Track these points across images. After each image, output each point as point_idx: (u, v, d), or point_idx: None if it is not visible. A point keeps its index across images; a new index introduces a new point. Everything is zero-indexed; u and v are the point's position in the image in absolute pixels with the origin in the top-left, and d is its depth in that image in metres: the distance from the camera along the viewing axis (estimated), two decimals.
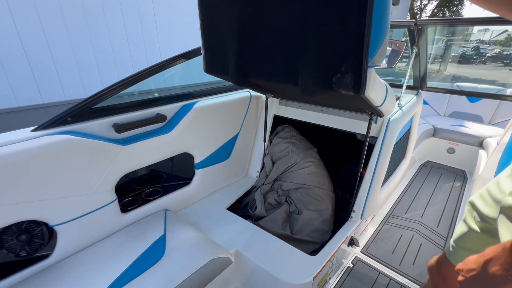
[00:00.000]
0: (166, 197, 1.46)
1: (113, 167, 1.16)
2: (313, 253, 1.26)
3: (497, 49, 14.75)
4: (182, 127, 1.37)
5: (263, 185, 1.80)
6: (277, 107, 1.81)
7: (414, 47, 1.71)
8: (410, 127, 1.91)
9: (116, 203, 1.23)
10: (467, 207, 0.68)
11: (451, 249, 0.77)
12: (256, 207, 1.67)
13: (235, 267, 1.24)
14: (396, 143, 1.57)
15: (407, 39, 1.71)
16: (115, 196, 1.22)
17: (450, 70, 9.69)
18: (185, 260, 1.07)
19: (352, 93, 0.87)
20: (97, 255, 1.11)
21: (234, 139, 1.73)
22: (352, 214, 1.51)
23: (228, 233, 1.34)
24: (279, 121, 1.89)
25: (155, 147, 1.30)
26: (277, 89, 1.36)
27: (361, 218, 1.49)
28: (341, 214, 1.66)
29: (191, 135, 1.44)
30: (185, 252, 1.12)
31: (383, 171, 1.51)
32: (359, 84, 0.83)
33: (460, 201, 2.16)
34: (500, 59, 13.20)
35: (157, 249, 1.14)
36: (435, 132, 2.82)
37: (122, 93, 1.15)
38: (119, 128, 1.15)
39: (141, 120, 1.24)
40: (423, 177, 2.50)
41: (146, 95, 1.34)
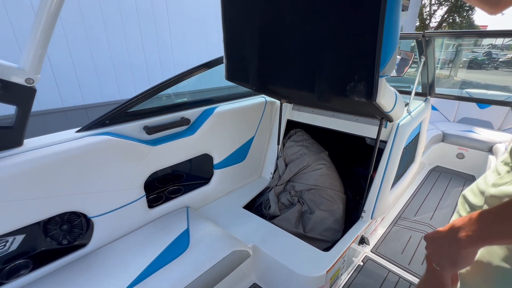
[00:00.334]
0: (187, 195, 1.56)
1: (144, 166, 1.28)
2: (325, 250, 1.34)
3: (510, 54, 14.51)
4: (204, 130, 1.48)
5: (277, 186, 1.89)
6: (291, 112, 1.91)
7: (422, 57, 1.79)
8: (419, 132, 1.97)
9: (144, 199, 1.34)
10: (460, 200, 0.76)
11: None
12: (270, 207, 1.76)
13: (252, 261, 1.33)
14: (405, 147, 1.64)
15: (415, 50, 1.80)
16: (143, 192, 1.33)
17: (461, 75, 9.59)
18: (208, 251, 1.17)
19: (364, 100, 0.96)
20: (129, 245, 1.22)
21: (249, 142, 1.84)
22: (362, 214, 1.58)
23: (245, 230, 1.44)
24: (291, 125, 1.98)
25: (179, 148, 1.41)
26: (293, 95, 1.46)
27: (371, 218, 1.56)
28: (352, 214, 1.73)
29: (211, 137, 1.55)
30: (208, 244, 1.21)
31: (392, 174, 1.58)
32: (371, 92, 0.92)
33: None
34: None
35: (182, 241, 1.24)
36: (444, 137, 2.86)
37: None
38: (149, 130, 1.27)
39: (168, 123, 1.36)
40: (432, 182, 2.54)
41: (173, 99, 1.46)
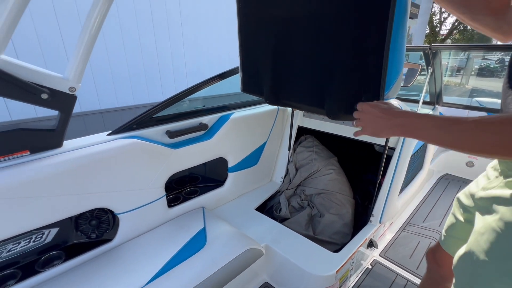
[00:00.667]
0: (203, 196, 1.65)
1: (165, 167, 1.37)
2: (335, 252, 1.39)
3: None
4: (220, 135, 1.57)
5: (287, 189, 1.96)
6: (301, 119, 1.99)
7: (429, 67, 1.86)
8: None
9: (164, 199, 1.44)
10: (455, 202, 0.83)
11: (442, 237, 0.91)
12: (281, 209, 1.83)
13: (264, 260, 1.40)
14: (413, 154, 1.69)
15: (423, 63, 1.88)
16: (164, 192, 1.43)
17: (472, 83, 9.47)
18: (224, 248, 1.25)
19: None
20: (150, 241, 1.31)
21: (262, 147, 1.92)
22: (371, 218, 1.63)
23: (258, 230, 1.51)
24: (302, 132, 2.06)
25: (198, 151, 1.51)
26: (304, 108, 1.55)
27: (380, 222, 1.61)
28: (361, 219, 1.78)
29: (227, 142, 1.64)
30: (224, 242, 1.29)
31: (400, 180, 1.63)
32: None
33: None
34: None
35: (200, 239, 1.32)
36: None
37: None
38: (171, 134, 1.38)
39: (188, 128, 1.46)
40: (441, 189, 2.56)
41: (193, 105, 1.57)
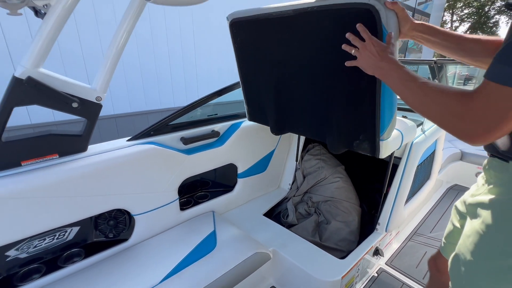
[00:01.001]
0: (213, 200, 1.72)
1: (179, 172, 1.45)
2: (341, 259, 1.43)
3: None
4: (231, 142, 1.65)
5: (295, 196, 2.00)
6: None
7: (435, 80, 1.90)
8: (434, 150, 2.04)
9: (177, 202, 1.51)
10: (453, 209, 0.87)
11: (442, 244, 0.95)
12: (288, 216, 1.87)
13: (271, 264, 1.44)
14: (419, 164, 1.72)
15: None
16: (177, 196, 1.50)
17: None
18: (234, 251, 1.30)
19: (370, 155, 1.12)
20: (163, 242, 1.38)
21: (270, 154, 1.98)
22: (377, 226, 1.66)
23: (265, 235, 1.56)
24: (310, 140, 2.11)
25: (210, 157, 1.58)
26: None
27: (386, 231, 1.63)
28: (367, 227, 1.80)
29: (237, 149, 1.71)
30: (233, 245, 1.35)
31: (407, 189, 1.66)
32: (374, 150, 1.09)
33: None
34: None
35: (210, 241, 1.38)
36: (463, 156, 2.86)
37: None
38: (185, 141, 1.46)
39: (200, 135, 1.54)
40: (450, 200, 2.55)
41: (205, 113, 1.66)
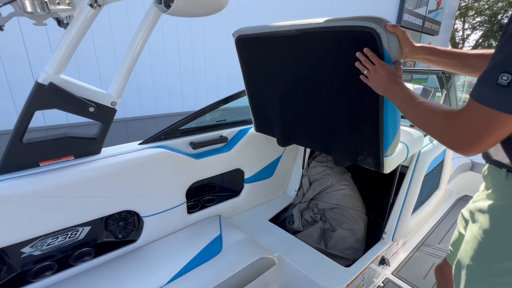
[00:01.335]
0: (219, 204, 1.74)
1: (188, 176, 1.48)
2: (346, 267, 1.42)
3: None
4: (239, 147, 1.68)
5: (300, 202, 2.01)
6: None
7: (443, 90, 1.89)
8: (443, 159, 2.02)
9: (185, 205, 1.54)
10: (459, 217, 0.87)
11: (449, 252, 0.94)
12: (293, 222, 1.88)
13: (276, 270, 1.45)
14: (427, 174, 1.71)
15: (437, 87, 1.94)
16: (185, 199, 1.53)
17: None
18: (239, 255, 1.32)
19: (374, 170, 1.13)
20: (171, 244, 1.41)
21: (277, 160, 2.00)
22: (383, 235, 1.65)
23: (271, 240, 1.57)
24: None
25: (217, 162, 1.61)
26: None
27: (392, 240, 1.62)
28: (373, 236, 1.79)
29: (245, 154, 1.74)
30: (239, 249, 1.36)
31: (414, 199, 1.64)
32: (379, 165, 1.11)
33: None
34: None
35: (216, 245, 1.40)
36: (473, 166, 2.81)
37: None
38: (194, 145, 1.49)
39: (209, 140, 1.58)
40: (459, 210, 2.50)
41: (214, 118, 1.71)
